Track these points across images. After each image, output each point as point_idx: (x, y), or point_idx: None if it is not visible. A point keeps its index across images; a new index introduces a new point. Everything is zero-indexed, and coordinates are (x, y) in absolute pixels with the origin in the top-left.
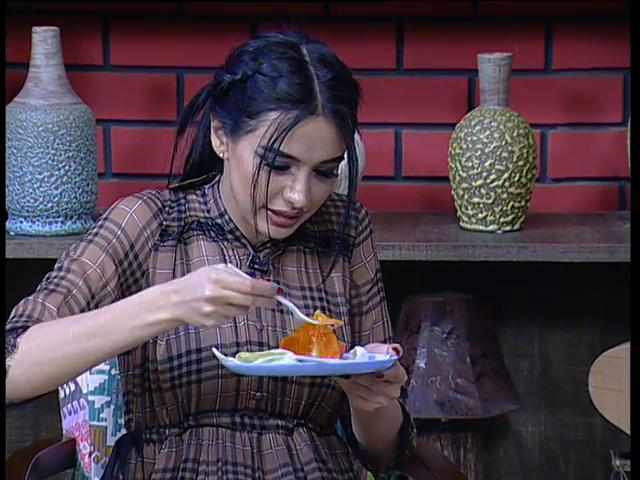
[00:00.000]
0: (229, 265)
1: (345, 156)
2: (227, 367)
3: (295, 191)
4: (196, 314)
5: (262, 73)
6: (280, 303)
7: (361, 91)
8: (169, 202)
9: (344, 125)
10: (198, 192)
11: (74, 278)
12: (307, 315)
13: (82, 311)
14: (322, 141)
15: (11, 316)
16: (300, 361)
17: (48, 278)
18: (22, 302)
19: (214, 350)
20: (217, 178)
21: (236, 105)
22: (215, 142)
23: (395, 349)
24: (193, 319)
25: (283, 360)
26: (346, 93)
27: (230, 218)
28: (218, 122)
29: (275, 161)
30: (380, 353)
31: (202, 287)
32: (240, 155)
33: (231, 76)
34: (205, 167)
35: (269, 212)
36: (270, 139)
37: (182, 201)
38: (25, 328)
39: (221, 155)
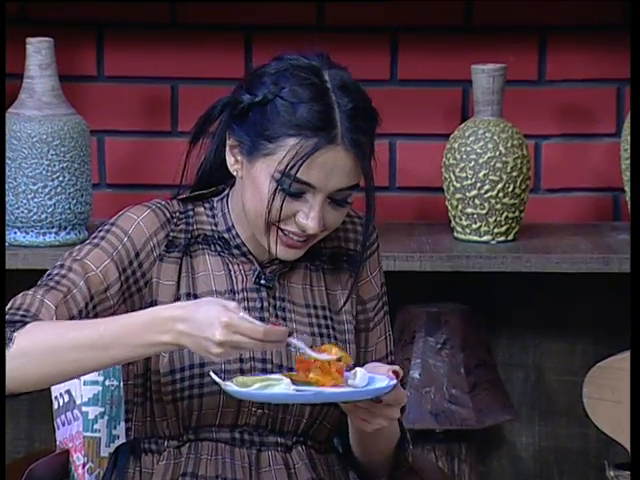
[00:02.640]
0: (240, 307)
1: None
2: (226, 392)
3: (309, 218)
4: (204, 350)
5: (283, 98)
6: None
7: (380, 119)
8: (177, 213)
9: (362, 154)
10: (207, 205)
11: (75, 278)
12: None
13: (80, 312)
14: (339, 169)
15: (7, 307)
16: (298, 389)
17: (49, 275)
18: (20, 295)
19: (212, 374)
20: (226, 192)
21: (254, 127)
22: (230, 160)
23: (395, 372)
24: (199, 352)
25: (280, 387)
26: (366, 123)
27: (237, 233)
28: (234, 141)
29: (291, 187)
30: (380, 374)
31: (212, 329)
32: (255, 177)
33: (251, 97)
34: (215, 179)
35: (280, 232)
36: (287, 165)
37: (190, 213)
38: (22, 323)
39: (235, 174)
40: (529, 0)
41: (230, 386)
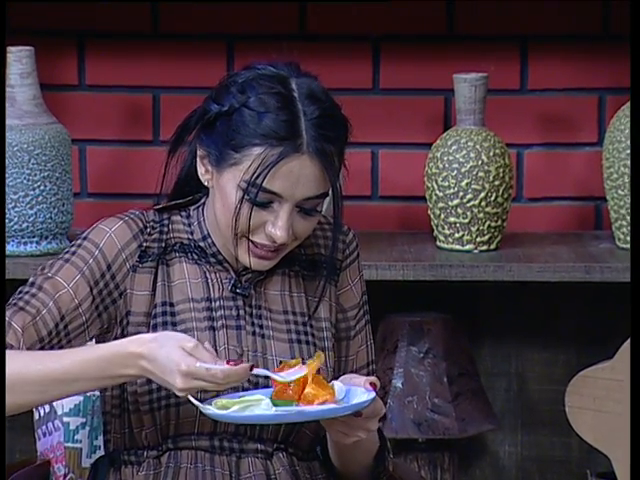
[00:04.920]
0: (198, 345)
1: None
2: (206, 415)
3: (277, 227)
4: (169, 389)
5: (249, 107)
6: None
7: (350, 127)
8: (152, 223)
9: (329, 163)
10: (183, 213)
11: (45, 298)
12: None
13: (49, 333)
14: (306, 178)
15: None
16: (277, 407)
17: (20, 292)
18: None
19: (190, 397)
20: (202, 200)
21: (221, 137)
22: (200, 170)
23: (372, 384)
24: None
25: (260, 408)
26: (332, 132)
27: (213, 242)
28: (204, 151)
29: (257, 197)
30: (357, 386)
31: (173, 376)
32: (223, 186)
33: (218, 107)
34: (192, 188)
35: (250, 244)
36: (253, 174)
37: (165, 222)
38: None
39: (206, 183)
40: (511, 10)
41: (210, 409)
